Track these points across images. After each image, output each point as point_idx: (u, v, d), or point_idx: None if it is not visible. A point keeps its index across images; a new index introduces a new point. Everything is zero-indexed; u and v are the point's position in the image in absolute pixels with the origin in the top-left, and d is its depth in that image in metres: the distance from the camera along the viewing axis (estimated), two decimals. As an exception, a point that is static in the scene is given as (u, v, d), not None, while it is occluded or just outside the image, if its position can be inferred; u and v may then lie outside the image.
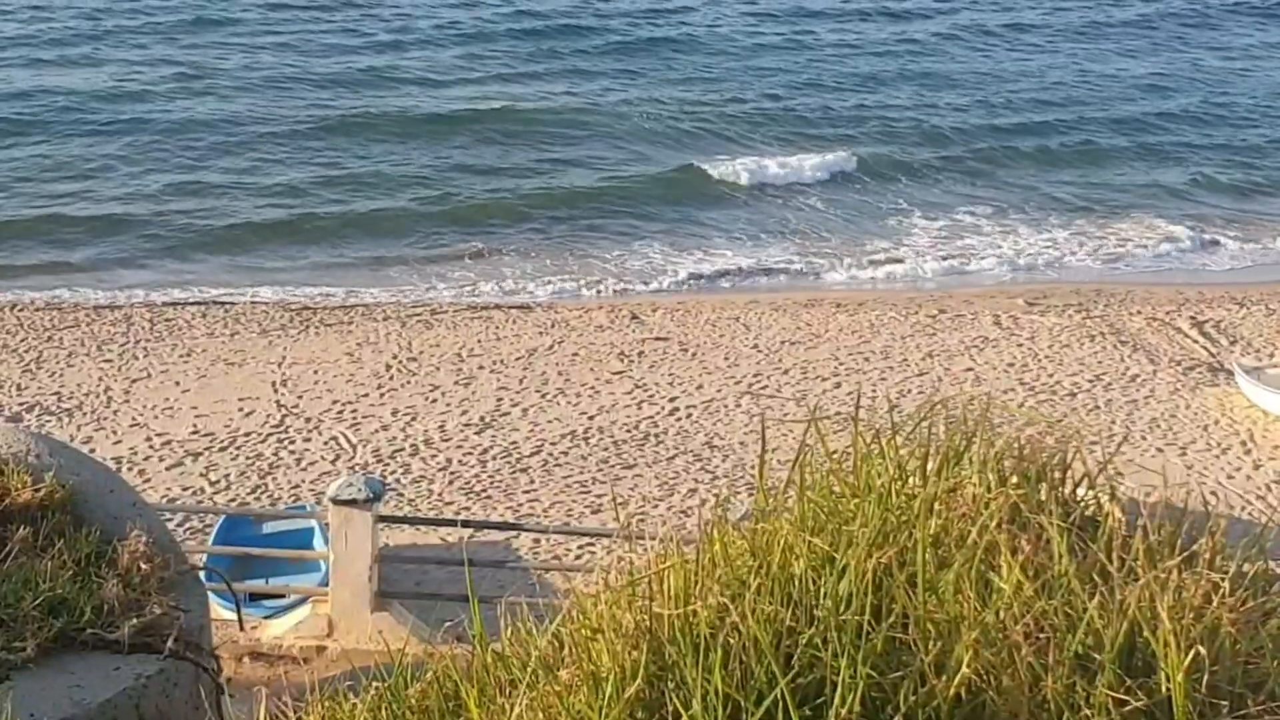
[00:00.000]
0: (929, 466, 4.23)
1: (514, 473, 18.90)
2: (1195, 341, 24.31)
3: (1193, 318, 25.48)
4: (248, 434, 19.73)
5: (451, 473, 18.81)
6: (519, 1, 45.36)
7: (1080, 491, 4.26)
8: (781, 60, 42.27)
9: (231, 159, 31.85)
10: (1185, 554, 3.76)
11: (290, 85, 36.24)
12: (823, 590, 3.77)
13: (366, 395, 21.23)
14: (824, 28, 45.86)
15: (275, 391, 21.22)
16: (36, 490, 6.11)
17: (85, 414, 20.21)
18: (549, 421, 20.48)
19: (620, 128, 35.42)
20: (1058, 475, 4.20)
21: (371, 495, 12.94)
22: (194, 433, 19.70)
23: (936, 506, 3.97)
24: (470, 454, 19.36)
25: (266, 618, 13.97)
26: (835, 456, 4.44)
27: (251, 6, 43.61)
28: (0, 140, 32.01)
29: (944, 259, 29.63)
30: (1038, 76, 42.81)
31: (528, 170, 32.62)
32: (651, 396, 21.49)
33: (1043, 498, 4.06)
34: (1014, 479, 4.08)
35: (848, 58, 42.66)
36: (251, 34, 41.54)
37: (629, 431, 20.23)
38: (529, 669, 3.80)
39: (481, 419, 20.48)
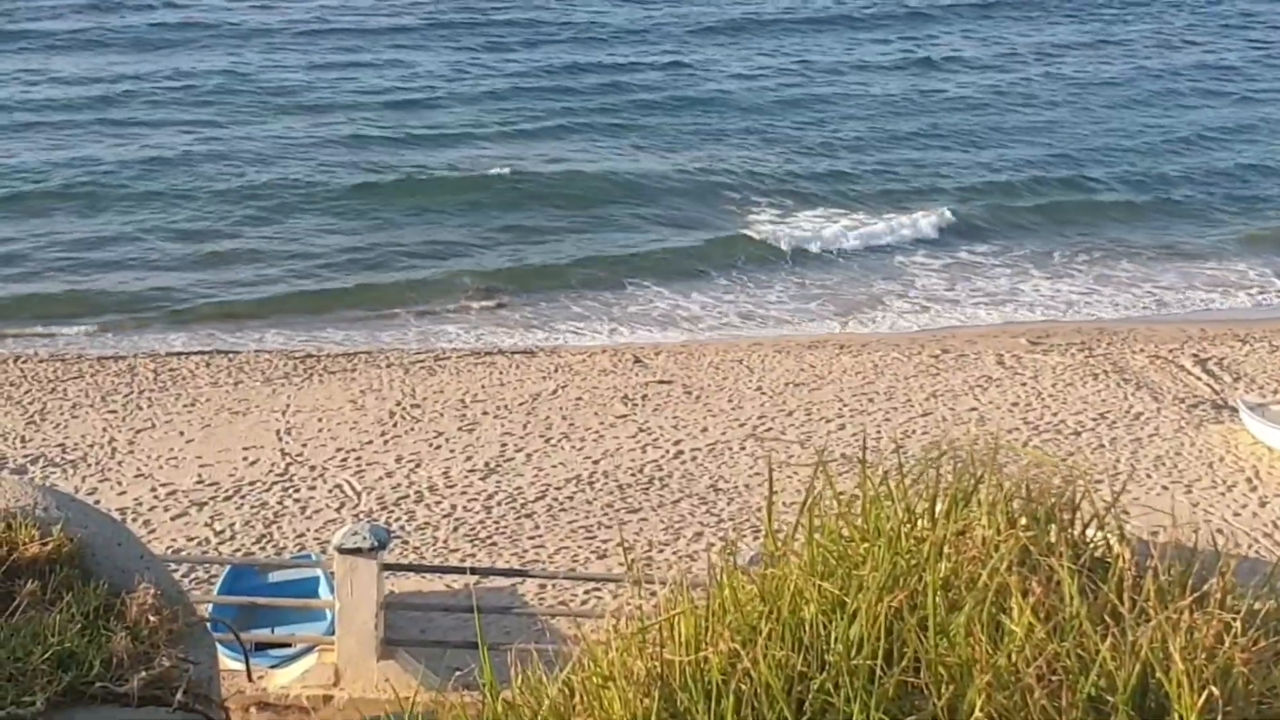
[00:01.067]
0: (938, 509, 4.23)
1: (519, 518, 18.87)
2: (1199, 379, 24.30)
3: (1196, 355, 25.48)
4: (252, 483, 19.71)
5: (456, 519, 18.78)
6: (543, 58, 44.84)
7: (1089, 532, 4.27)
8: (813, 117, 41.19)
9: (258, 225, 31.43)
10: (1196, 594, 3.77)
11: (312, 149, 35.84)
12: (834, 635, 3.77)
13: (370, 442, 21.22)
14: (876, 81, 44.86)
15: (279, 440, 21.22)
16: (44, 544, 6.11)
17: (90, 465, 20.20)
18: (553, 466, 20.46)
19: (659, 190, 34.72)
20: (1066, 516, 4.21)
21: (376, 543, 12.89)
22: (199, 482, 19.69)
23: (946, 549, 3.97)
24: (475, 500, 19.34)
25: (273, 667, 13.91)
26: (843, 500, 4.45)
27: (261, 70, 43.64)
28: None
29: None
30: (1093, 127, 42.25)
31: (558, 232, 32.07)
32: (656, 440, 21.48)
33: (1052, 539, 4.06)
34: (1023, 521, 4.09)
35: (902, 114, 41.67)
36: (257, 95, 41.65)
37: (634, 475, 20.21)
38: (541, 718, 3.79)
39: (486, 465, 20.47)
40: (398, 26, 47.33)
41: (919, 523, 4.20)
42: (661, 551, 17.86)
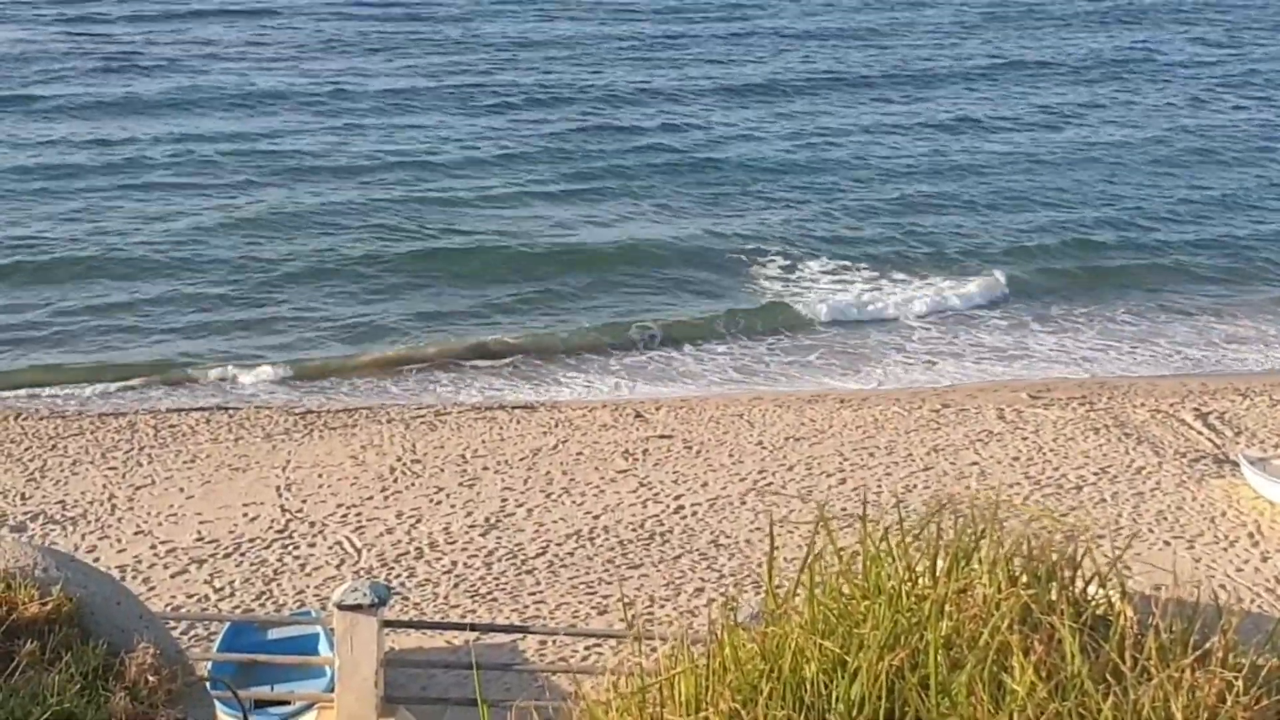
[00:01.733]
0: (939, 567, 4.23)
1: (519, 574, 18.82)
2: (1200, 433, 24.29)
3: (1197, 409, 25.47)
4: (252, 539, 19.67)
5: (457, 575, 18.73)
6: (552, 120, 44.35)
7: (1091, 589, 4.26)
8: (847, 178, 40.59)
9: (266, 291, 31.16)
10: (1198, 652, 3.75)
11: (318, 215, 35.53)
12: (835, 694, 3.76)
13: (371, 498, 21.19)
14: (894, 142, 44.21)
15: (279, 496, 21.19)
16: (44, 604, 6.10)
17: (90, 522, 20.17)
18: (554, 522, 20.43)
19: (673, 255, 34.19)
20: (1068, 574, 4.20)
21: (376, 600, 12.87)
22: (198, 539, 19.65)
23: (947, 608, 3.96)
24: (475, 556, 19.29)
25: (272, 725, 13.86)
26: (844, 557, 4.44)
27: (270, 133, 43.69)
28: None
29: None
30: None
31: (566, 297, 31.73)
32: (656, 495, 21.45)
33: (1053, 597, 4.05)
34: (1024, 578, 4.08)
35: (924, 176, 41.00)
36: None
37: (634, 531, 20.17)
38: (541, 778, 3.78)
39: (486, 520, 20.43)
40: (401, 89, 47.11)
41: (920, 580, 4.20)
42: (662, 607, 17.82)
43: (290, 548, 19.47)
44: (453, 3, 61.31)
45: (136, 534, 19.82)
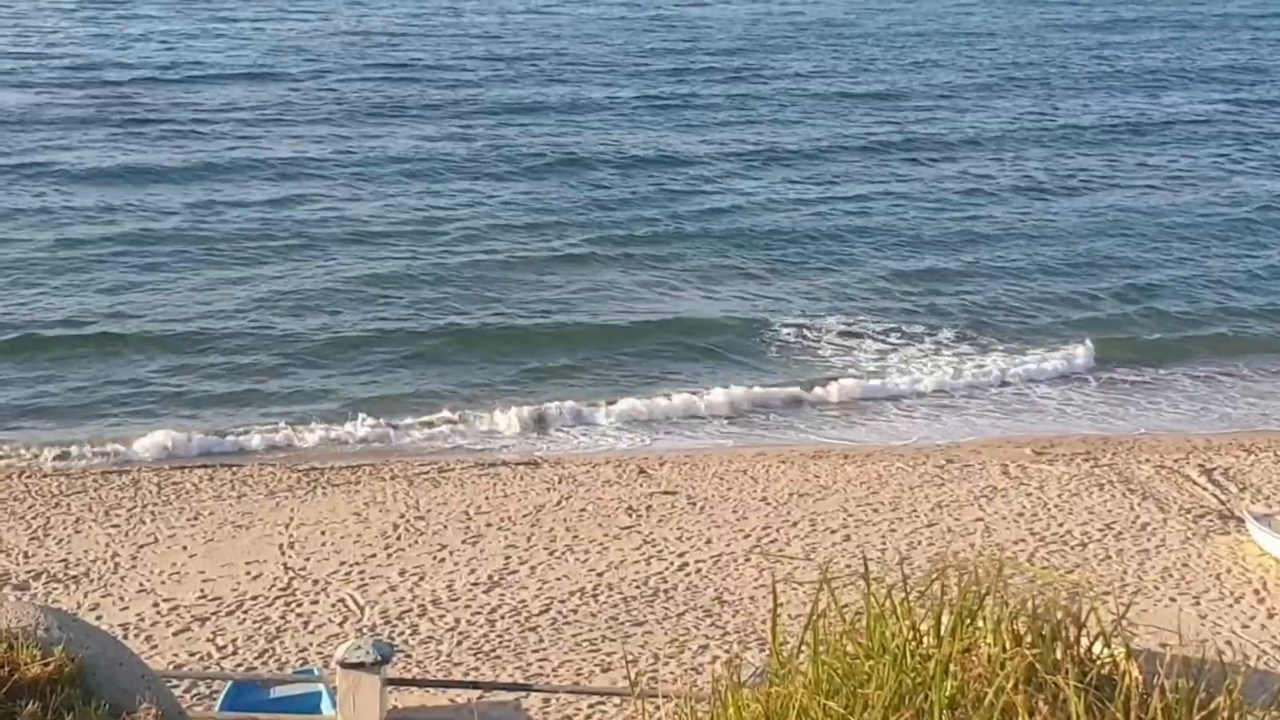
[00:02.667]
0: (943, 626, 4.21)
1: (523, 631, 18.75)
2: (1205, 489, 24.25)
3: (1201, 465, 25.44)
4: (255, 597, 19.62)
5: (460, 633, 18.67)
6: (576, 187, 43.73)
7: (1096, 648, 4.25)
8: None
9: (276, 364, 30.78)
10: (1204, 711, 3.74)
11: (333, 287, 34.89)
12: (840, 755, 3.75)
13: (374, 555, 21.14)
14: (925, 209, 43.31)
15: (282, 554, 21.15)
16: (46, 664, 6.08)
17: (92, 580, 20.12)
18: (557, 579, 20.37)
19: (705, 327, 33.41)
20: (1073, 633, 4.19)
21: (379, 658, 12.81)
22: (201, 597, 19.60)
23: (952, 668, 3.95)
24: (479, 613, 19.23)
25: (274, 785, 13.79)
26: (848, 616, 4.43)
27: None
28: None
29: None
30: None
31: (590, 368, 31.21)
32: (660, 551, 21.40)
33: (1058, 657, 4.04)
34: (1029, 638, 4.07)
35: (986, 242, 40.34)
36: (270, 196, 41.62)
37: (638, 588, 20.11)
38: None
39: (489, 578, 20.38)
40: (418, 155, 46.70)
41: (925, 640, 4.19)
42: (666, 665, 17.75)
43: (293, 605, 19.41)
44: (470, 67, 61.11)
45: (139, 592, 19.77)
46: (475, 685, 15.96)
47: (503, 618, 19.12)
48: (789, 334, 33.07)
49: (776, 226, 40.74)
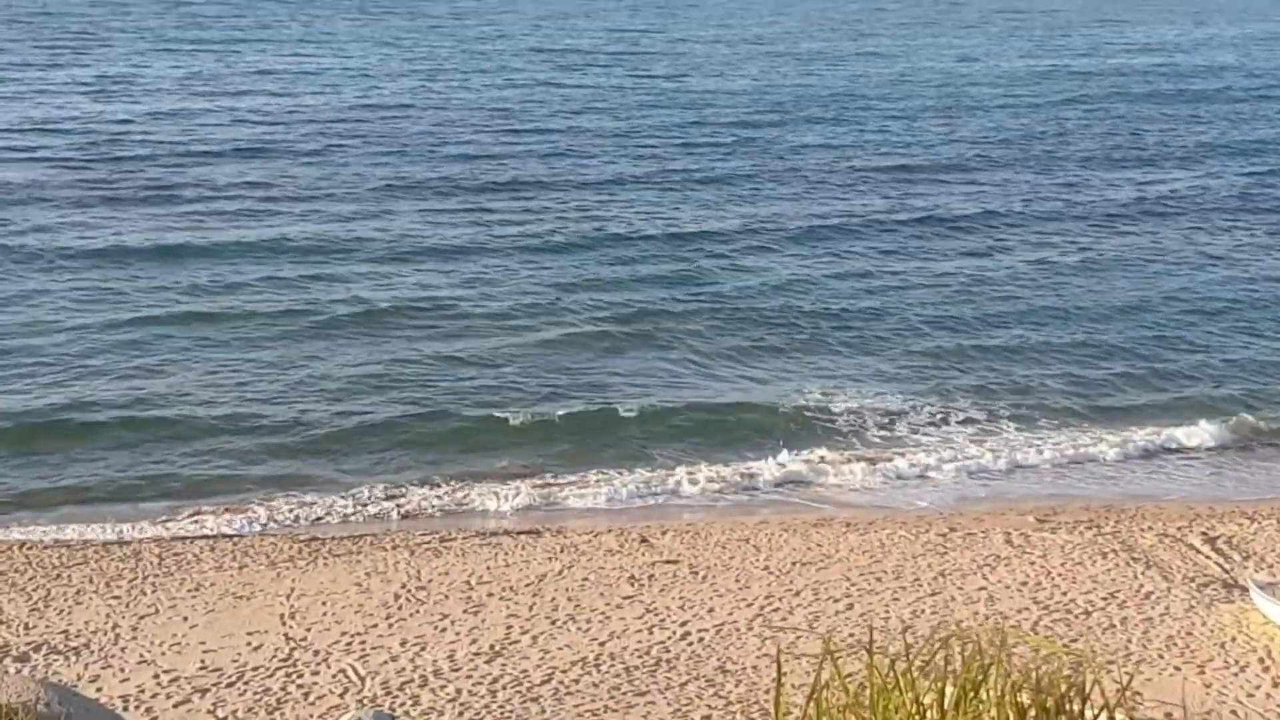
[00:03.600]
0: (947, 699, 4.21)
1: (524, 702, 18.66)
2: (1208, 557, 24.20)
3: (1204, 533, 25.39)
4: (256, 668, 19.54)
5: (461, 704, 18.58)
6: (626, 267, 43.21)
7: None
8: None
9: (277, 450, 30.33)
10: (1209, 785, 3.74)
11: (347, 375, 34.19)
12: (844, 830, 3.74)
13: (375, 626, 21.07)
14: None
15: (283, 624, 21.08)
16: (48, 737, 6.07)
17: (93, 651, 20.06)
18: (559, 649, 20.29)
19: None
20: (1077, 706, 4.19)
21: (382, 730, 12.78)
22: (201, 668, 19.52)
23: (956, 741, 3.95)
24: (480, 684, 19.14)
25: None
26: (852, 689, 4.43)
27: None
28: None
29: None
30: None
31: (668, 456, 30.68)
32: (662, 621, 21.32)
33: (1062, 730, 4.04)
34: (1033, 711, 4.07)
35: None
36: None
37: (640, 657, 20.03)
38: None
39: (491, 647, 20.30)
40: (429, 233, 46.31)
41: (928, 714, 4.18)
42: (669, 736, 17.65)
43: (294, 676, 19.33)
44: (481, 141, 61.16)
45: (140, 663, 19.70)
46: (477, 757, 15.90)
47: (504, 688, 19.03)
48: (815, 412, 32.78)
49: (796, 303, 40.40)
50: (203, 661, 19.74)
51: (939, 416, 32.64)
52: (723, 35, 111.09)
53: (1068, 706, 4.25)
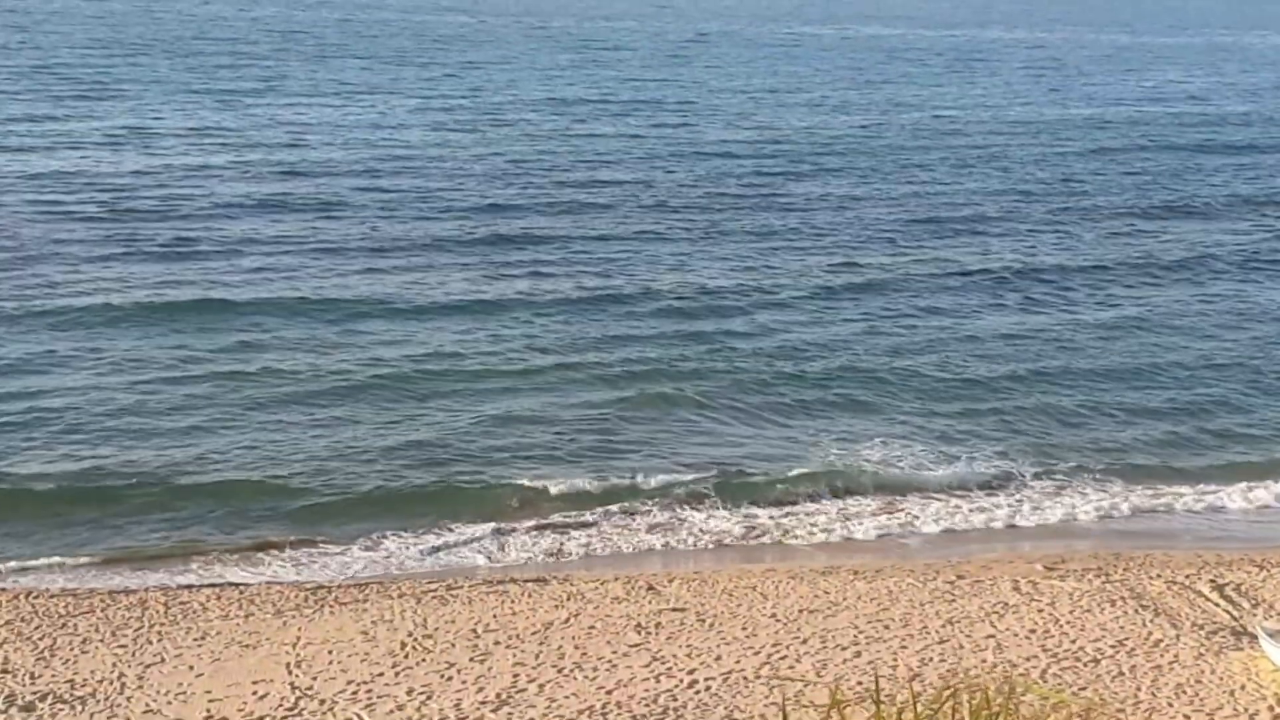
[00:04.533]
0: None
1: (532, 752, 18.60)
2: (1217, 605, 24.12)
3: (1213, 581, 25.32)
4: (261, 717, 19.50)
5: (468, 754, 18.52)
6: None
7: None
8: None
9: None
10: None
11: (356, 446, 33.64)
12: None
13: (381, 674, 21.02)
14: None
15: (289, 673, 21.03)
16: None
17: (99, 701, 20.01)
18: (566, 698, 20.23)
19: None
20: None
21: (388, 780, 12.74)
22: (207, 718, 19.48)
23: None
24: (487, 734, 19.09)
25: None
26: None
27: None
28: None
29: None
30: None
31: None
32: (670, 669, 21.25)
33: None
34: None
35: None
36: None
37: (647, 706, 19.96)
38: None
39: (498, 696, 20.23)
40: (441, 291, 45.91)
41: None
42: (677, 786, 17.57)
43: (300, 726, 19.29)
44: (491, 196, 60.94)
45: (145, 713, 19.65)
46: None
47: (511, 738, 18.98)
48: (817, 466, 32.72)
49: (817, 362, 39.95)
50: (208, 711, 19.69)
51: (960, 469, 32.64)
52: (738, 85, 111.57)
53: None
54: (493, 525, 29.11)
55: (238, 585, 25.35)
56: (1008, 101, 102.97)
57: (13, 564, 26.51)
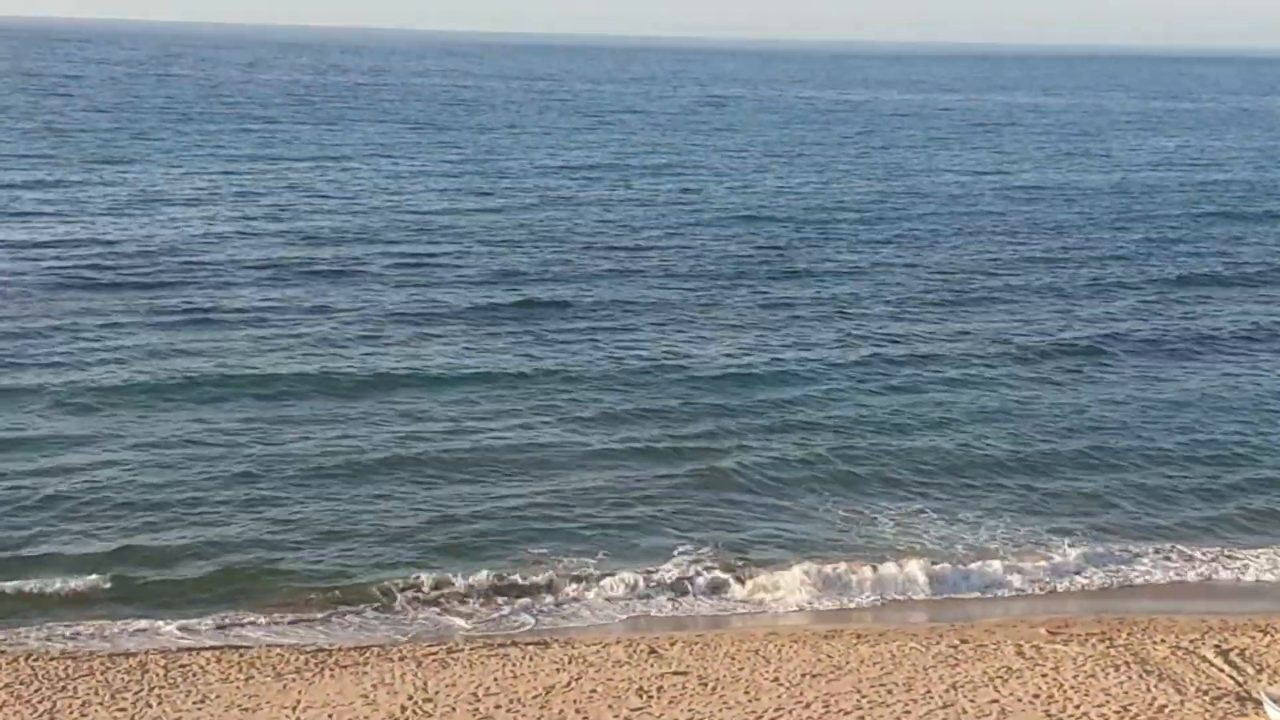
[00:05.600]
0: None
1: (531, 818, 18.48)
2: (1221, 670, 23.99)
3: (1217, 646, 25.20)
4: (260, 782, 19.39)
5: (468, 819, 18.40)
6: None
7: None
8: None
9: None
10: None
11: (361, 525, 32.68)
12: None
13: (382, 739, 20.93)
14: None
15: (289, 737, 20.94)
16: None
17: (96, 764, 19.92)
18: (567, 763, 20.12)
19: None
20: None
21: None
22: (206, 782, 19.37)
23: None
24: (487, 799, 18.97)
25: None
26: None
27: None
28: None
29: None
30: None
31: None
32: (671, 735, 21.15)
33: None
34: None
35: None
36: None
37: (649, 773, 19.86)
38: None
39: (498, 762, 20.13)
40: (451, 358, 45.36)
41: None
42: None
43: (299, 791, 19.18)
44: (501, 265, 60.70)
45: (143, 777, 19.55)
46: None
47: (511, 803, 18.86)
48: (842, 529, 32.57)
49: (857, 438, 39.26)
50: (207, 775, 19.60)
51: (979, 535, 32.51)
52: (768, 149, 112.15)
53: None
54: (492, 582, 28.83)
55: (238, 648, 25.24)
56: (1033, 166, 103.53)
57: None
